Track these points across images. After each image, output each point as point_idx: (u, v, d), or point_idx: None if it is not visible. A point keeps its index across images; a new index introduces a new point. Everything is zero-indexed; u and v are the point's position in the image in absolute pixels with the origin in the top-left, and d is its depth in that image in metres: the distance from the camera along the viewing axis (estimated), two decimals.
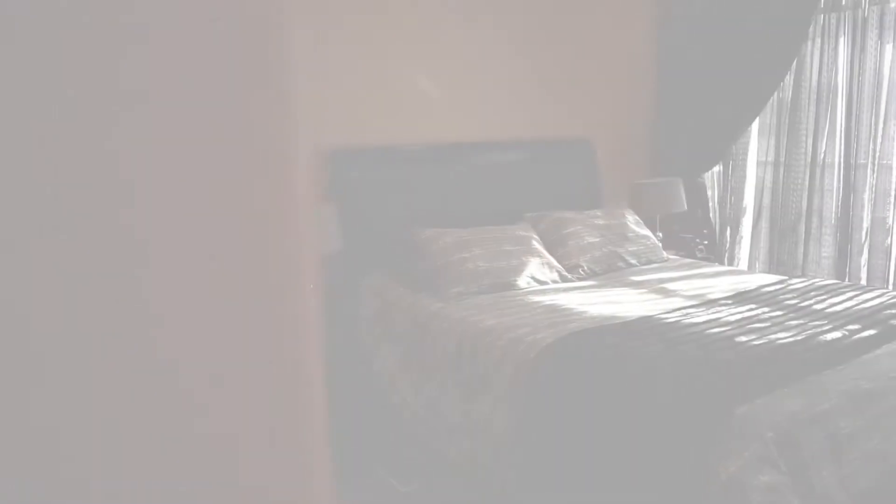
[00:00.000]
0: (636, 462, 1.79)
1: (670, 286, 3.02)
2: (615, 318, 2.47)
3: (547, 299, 2.82)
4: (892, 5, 3.50)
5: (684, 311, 2.51)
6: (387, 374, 2.93)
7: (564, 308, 2.66)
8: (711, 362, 1.92)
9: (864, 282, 3.70)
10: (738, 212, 4.24)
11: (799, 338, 2.17)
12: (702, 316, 2.44)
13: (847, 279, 3.74)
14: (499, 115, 3.87)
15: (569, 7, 4.09)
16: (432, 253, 2.98)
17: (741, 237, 4.25)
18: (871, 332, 2.26)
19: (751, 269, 4.20)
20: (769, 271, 4.05)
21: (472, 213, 3.46)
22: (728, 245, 4.29)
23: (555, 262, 3.17)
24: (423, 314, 2.79)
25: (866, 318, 2.39)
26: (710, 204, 4.31)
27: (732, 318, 2.40)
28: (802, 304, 2.58)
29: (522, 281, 3.02)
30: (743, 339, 2.16)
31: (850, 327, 2.29)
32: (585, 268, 3.22)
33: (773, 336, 2.19)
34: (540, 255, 3.14)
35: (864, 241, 3.70)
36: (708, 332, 2.24)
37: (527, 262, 3.07)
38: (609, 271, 3.30)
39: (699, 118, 4.13)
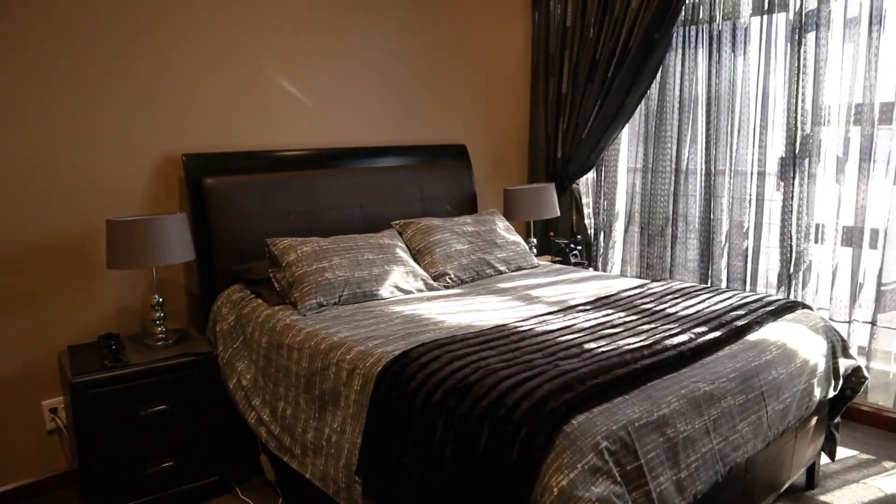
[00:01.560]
0: (475, 479, 1.72)
1: (536, 293, 3.00)
2: (471, 328, 2.42)
3: (408, 309, 2.73)
4: (742, 21, 3.65)
5: (541, 318, 2.49)
6: (242, 392, 2.76)
7: (423, 318, 2.58)
8: (554, 372, 1.88)
9: (724, 283, 3.84)
10: (611, 217, 4.32)
11: (646, 342, 2.18)
12: (557, 323, 2.42)
13: (710, 281, 3.88)
14: (373, 121, 3.79)
15: (446, 13, 4.06)
16: (290, 263, 2.84)
17: (614, 242, 4.34)
18: (716, 334, 2.30)
19: (623, 272, 4.29)
20: (640, 275, 4.15)
21: (340, 220, 3.36)
22: (602, 250, 4.37)
23: (420, 271, 3.10)
24: (278, 328, 2.65)
25: (713, 320, 2.44)
26: (586, 210, 4.37)
27: (587, 325, 2.39)
28: (657, 308, 2.62)
29: (385, 290, 2.93)
30: (592, 345, 2.15)
31: (697, 330, 2.33)
32: (452, 276, 3.16)
33: (621, 342, 2.19)
34: (404, 264, 3.06)
35: (725, 245, 3.84)
36: (559, 339, 2.21)
37: (390, 270, 2.98)
38: (477, 279, 3.26)
39: (572, 126, 4.18)
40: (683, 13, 3.83)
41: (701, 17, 3.82)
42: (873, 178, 3.31)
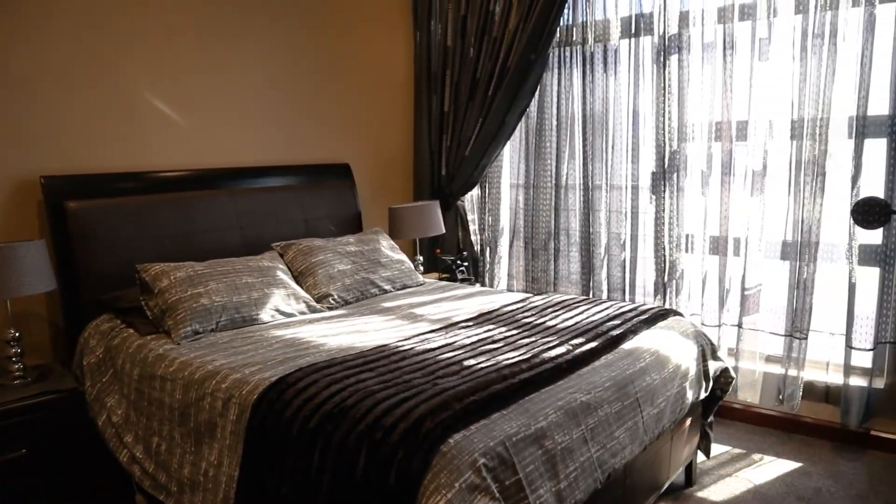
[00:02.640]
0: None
1: (420, 311, 2.99)
2: (352, 349, 2.38)
3: (289, 333, 2.66)
4: (612, 43, 3.83)
5: (423, 337, 2.48)
6: (113, 429, 2.59)
7: (304, 341, 2.52)
8: (433, 391, 1.87)
9: (605, 293, 3.98)
10: (496, 232, 4.40)
11: (525, 356, 2.22)
12: (439, 341, 2.42)
13: (591, 292, 4.01)
14: (253, 140, 3.69)
15: (328, 32, 4.03)
16: (162, 290, 2.70)
17: (500, 257, 4.42)
18: (592, 344, 2.37)
19: (509, 287, 4.37)
20: (526, 288, 4.24)
21: (218, 244, 3.23)
22: (488, 265, 4.43)
23: (302, 293, 3.03)
24: (150, 358, 2.50)
25: (591, 331, 2.52)
26: (471, 226, 4.43)
27: (468, 341, 2.40)
28: (537, 322, 2.67)
29: (265, 314, 2.84)
30: (472, 362, 2.16)
31: (575, 341, 2.39)
32: (336, 297, 3.11)
33: (501, 357, 2.21)
34: (285, 286, 2.98)
35: (604, 256, 3.99)
36: (440, 357, 2.21)
37: (270, 294, 2.89)
38: (362, 299, 3.22)
39: (455, 143, 4.24)
40: (558, 35, 3.97)
41: (574, 38, 3.97)
42: (733, 191, 3.53)
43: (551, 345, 2.34)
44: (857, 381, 3.34)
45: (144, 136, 3.23)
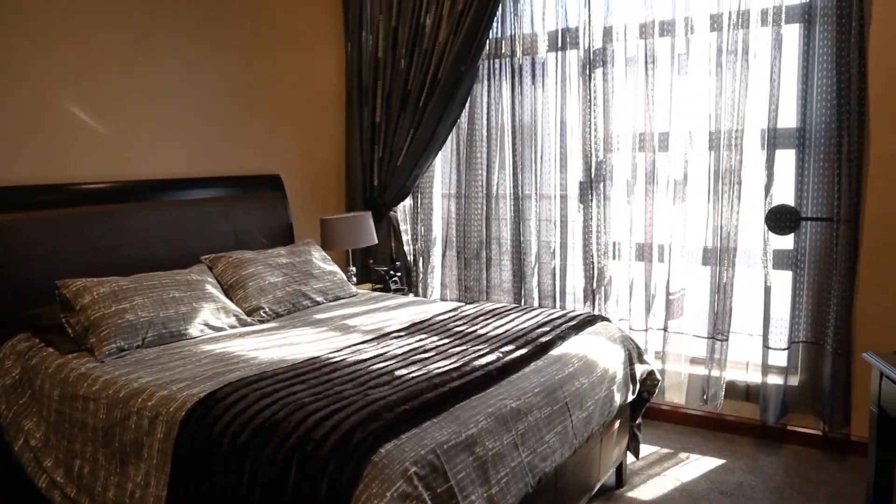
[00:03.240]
0: None
1: (352, 322, 2.99)
2: (283, 362, 2.36)
3: (219, 347, 2.61)
4: (540, 56, 3.93)
5: (355, 348, 2.49)
6: (31, 453, 2.48)
7: (234, 356, 2.48)
8: (364, 402, 1.88)
9: (536, 301, 4.06)
10: (429, 242, 4.43)
11: (456, 365, 2.25)
12: (371, 351, 2.43)
13: (523, 300, 4.08)
14: (181, 151, 3.61)
15: (258, 42, 3.99)
16: (84, 306, 2.62)
17: (433, 267, 4.45)
18: (522, 351, 2.42)
19: (442, 296, 4.40)
20: (459, 298, 4.28)
21: (144, 258, 3.15)
22: (421, 275, 4.45)
23: (232, 306, 2.99)
24: (72, 378, 2.42)
25: (520, 338, 2.57)
26: (404, 237, 4.44)
27: (400, 351, 2.42)
28: (469, 330, 2.71)
29: (194, 329, 2.78)
30: (403, 372, 2.17)
31: (505, 349, 2.44)
32: (267, 309, 3.08)
33: (432, 366, 2.24)
34: (215, 300, 2.93)
35: (535, 265, 4.07)
36: (371, 368, 2.22)
37: (199, 308, 2.83)
38: (294, 311, 3.19)
39: (387, 154, 4.25)
40: (487, 47, 4.05)
41: (503, 51, 4.05)
42: (657, 199, 3.67)
43: (482, 353, 2.38)
44: (774, 380, 3.51)
45: (65, 147, 3.12)
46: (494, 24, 4.00)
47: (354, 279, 4.03)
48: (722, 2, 3.42)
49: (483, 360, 2.29)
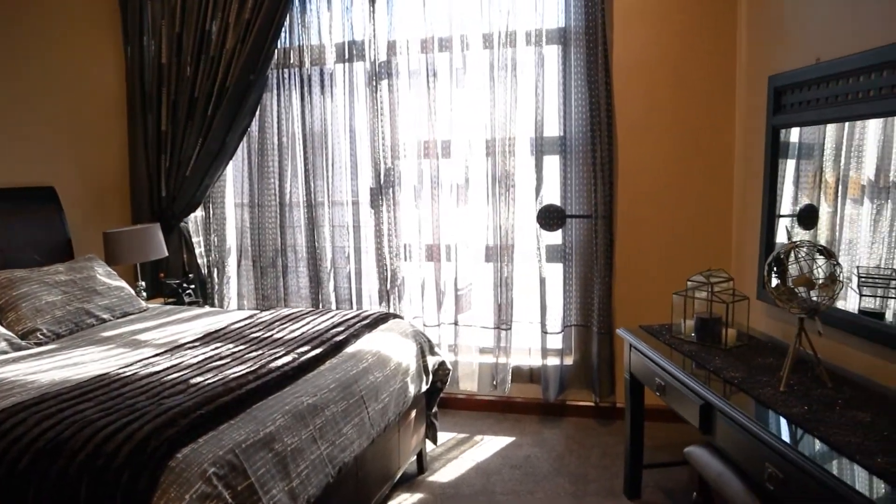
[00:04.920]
0: None
1: (143, 336, 2.90)
2: (67, 383, 2.25)
3: None
4: (328, 67, 4.04)
5: (147, 361, 2.43)
6: None
7: (8, 381, 2.31)
8: (158, 411, 1.87)
9: (334, 305, 4.17)
10: (223, 253, 4.36)
11: (252, 368, 2.30)
12: (164, 363, 2.39)
13: (321, 305, 4.17)
14: None
15: (26, 45, 3.69)
16: None
17: (228, 277, 4.38)
18: (317, 350, 2.52)
19: (240, 307, 4.35)
20: (257, 307, 4.26)
21: None
22: (217, 286, 4.37)
23: (2, 330, 2.76)
24: None
25: (316, 339, 2.67)
26: (197, 248, 4.33)
27: (194, 361, 2.41)
28: (265, 335, 2.75)
29: None
30: (198, 379, 2.18)
31: (301, 350, 2.52)
32: (45, 331, 2.88)
33: (229, 371, 2.27)
34: None
35: (331, 270, 4.17)
36: (165, 379, 2.20)
37: None
38: (77, 330, 3.02)
39: (175, 163, 4.13)
40: (276, 57, 4.08)
41: (292, 61, 4.10)
42: (442, 202, 3.94)
43: (278, 355, 2.45)
44: (553, 361, 3.93)
45: None
46: (283, 34, 4.04)
47: (145, 294, 3.87)
48: (493, 23, 3.77)
49: (279, 362, 2.36)
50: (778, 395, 2.14)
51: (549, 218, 3.76)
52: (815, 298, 2.20)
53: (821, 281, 2.21)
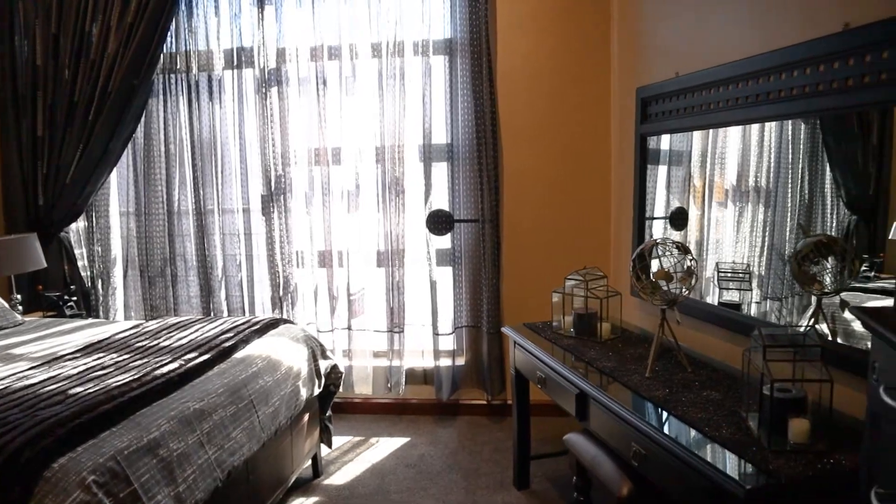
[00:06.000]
0: None
1: (18, 350, 2.79)
2: None
3: None
4: (216, 73, 4.00)
5: (21, 375, 2.35)
6: None
7: None
8: (32, 422, 1.83)
9: (226, 313, 4.11)
10: (108, 263, 4.21)
11: (137, 376, 2.26)
12: (40, 376, 2.32)
13: (212, 314, 4.10)
14: None
15: None
16: None
17: (114, 288, 4.24)
18: (205, 357, 2.51)
19: (127, 317, 4.22)
20: (145, 317, 4.15)
21: None
22: (102, 298, 4.22)
23: None
24: None
25: (204, 345, 2.65)
26: (80, 259, 4.16)
27: (74, 372, 2.35)
28: (151, 344, 2.71)
29: None
30: (78, 389, 2.14)
31: (188, 357, 2.50)
32: None
33: (111, 380, 2.23)
34: None
35: (222, 278, 4.12)
36: (41, 391, 2.14)
37: None
38: None
39: (53, 170, 3.95)
40: (162, 61, 3.99)
41: (179, 66, 4.03)
42: (333, 209, 3.98)
43: (164, 362, 2.42)
44: (445, 362, 4.04)
45: None
46: (169, 39, 3.97)
47: (21, 307, 3.69)
48: (381, 32, 3.85)
49: (165, 369, 2.34)
50: (644, 381, 2.33)
51: (438, 223, 3.88)
52: (674, 290, 2.41)
53: (679, 274, 2.42)
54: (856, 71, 1.94)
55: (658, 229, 3.22)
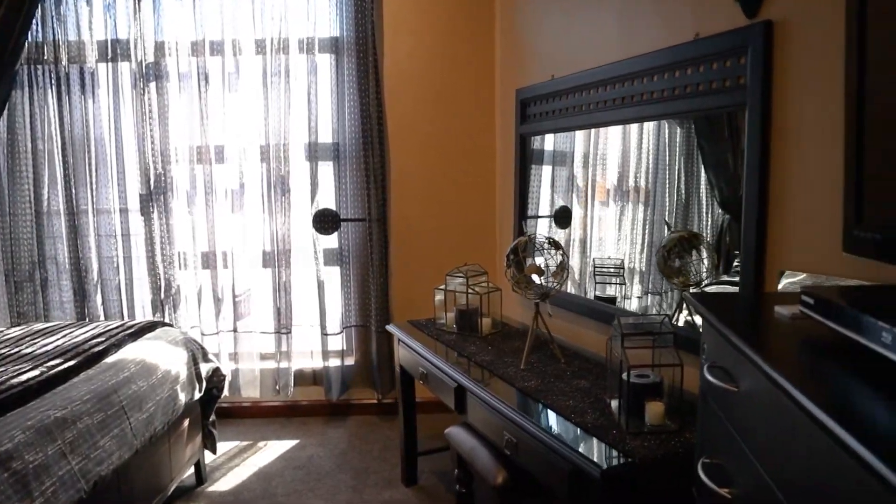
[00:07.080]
0: None
1: None
2: None
3: None
4: (89, 66, 3.80)
5: None
6: None
7: None
8: None
9: (103, 318, 3.92)
10: None
11: None
12: None
13: (88, 318, 3.90)
14: None
15: None
16: None
17: None
18: (71, 363, 2.40)
19: None
20: (11, 324, 3.89)
21: None
22: None
23: None
24: None
25: (70, 351, 2.53)
26: None
27: None
28: (12, 351, 2.56)
29: None
30: None
31: (51, 363, 2.38)
32: None
33: None
34: None
35: (97, 281, 3.92)
36: None
37: None
38: None
39: None
40: (27, 51, 3.75)
41: (47, 57, 3.79)
42: (217, 209, 3.88)
43: (23, 370, 2.29)
44: (334, 362, 4.02)
45: None
46: (34, 26, 3.73)
47: None
48: (265, 28, 3.79)
49: (23, 377, 2.21)
50: (518, 373, 2.41)
51: (325, 222, 3.86)
52: (546, 284, 2.51)
53: (552, 269, 2.52)
54: (705, 77, 2.10)
55: (543, 227, 3.33)
